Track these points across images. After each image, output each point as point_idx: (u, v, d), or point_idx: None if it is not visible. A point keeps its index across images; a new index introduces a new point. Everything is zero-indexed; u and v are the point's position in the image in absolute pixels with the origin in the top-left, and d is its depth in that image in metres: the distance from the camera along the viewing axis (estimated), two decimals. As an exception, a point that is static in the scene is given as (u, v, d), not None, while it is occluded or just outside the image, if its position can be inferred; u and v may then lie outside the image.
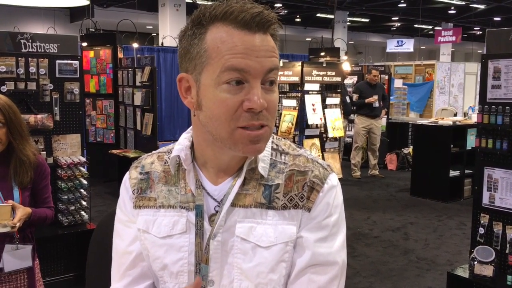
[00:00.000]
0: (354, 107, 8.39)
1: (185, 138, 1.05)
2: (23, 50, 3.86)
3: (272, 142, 1.05)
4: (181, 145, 1.03)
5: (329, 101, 6.09)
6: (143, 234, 1.05)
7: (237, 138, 0.92)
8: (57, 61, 3.96)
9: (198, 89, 0.94)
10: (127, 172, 1.11)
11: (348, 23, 20.84)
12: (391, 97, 10.39)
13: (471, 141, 6.81)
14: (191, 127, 1.04)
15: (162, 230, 1.02)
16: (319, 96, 5.98)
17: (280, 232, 0.97)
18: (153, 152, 1.11)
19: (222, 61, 0.89)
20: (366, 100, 8.15)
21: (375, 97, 8.17)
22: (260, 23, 0.90)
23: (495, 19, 20.65)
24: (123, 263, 1.08)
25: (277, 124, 5.98)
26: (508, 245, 3.42)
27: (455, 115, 10.21)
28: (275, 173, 1.00)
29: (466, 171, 7.04)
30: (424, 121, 7.99)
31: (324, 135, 6.11)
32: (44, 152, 3.85)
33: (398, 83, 12.10)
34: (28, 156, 2.28)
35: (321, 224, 0.98)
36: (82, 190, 4.02)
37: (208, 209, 1.00)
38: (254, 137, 0.91)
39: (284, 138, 1.11)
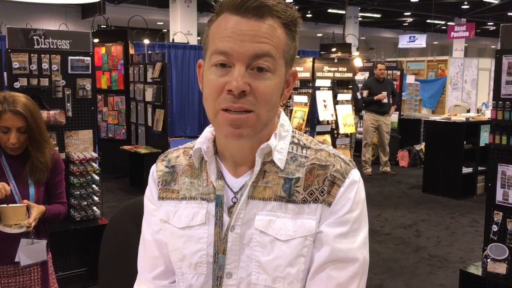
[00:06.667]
0: (364, 104, 8.35)
1: (208, 132, 1.06)
2: (36, 47, 3.88)
3: (293, 136, 1.05)
4: (203, 138, 1.05)
5: (340, 97, 6.05)
6: (164, 225, 1.07)
7: (220, 121, 0.94)
8: (69, 57, 3.98)
9: (203, 73, 0.98)
10: (154, 164, 1.13)
11: (360, 19, 20.69)
12: (403, 93, 10.30)
13: (485, 137, 6.73)
14: None
15: (182, 221, 1.03)
16: (330, 92, 5.94)
17: (299, 226, 0.96)
18: (180, 146, 1.13)
19: (213, 45, 0.93)
20: (375, 97, 8.10)
21: (384, 93, 8.11)
22: (250, 8, 0.90)
23: (510, 14, 20.38)
24: (150, 250, 1.10)
25: (288, 120, 5.96)
26: (522, 243, 3.39)
27: (468, 111, 10.09)
28: (295, 167, 1.00)
29: (479, 168, 6.97)
30: (437, 118, 7.91)
31: (335, 132, 6.07)
32: (57, 148, 3.88)
33: (410, 79, 12.01)
34: (44, 162, 2.27)
35: (341, 219, 0.97)
36: (94, 186, 4.04)
37: (228, 201, 1.01)
38: (232, 120, 0.92)
39: None
